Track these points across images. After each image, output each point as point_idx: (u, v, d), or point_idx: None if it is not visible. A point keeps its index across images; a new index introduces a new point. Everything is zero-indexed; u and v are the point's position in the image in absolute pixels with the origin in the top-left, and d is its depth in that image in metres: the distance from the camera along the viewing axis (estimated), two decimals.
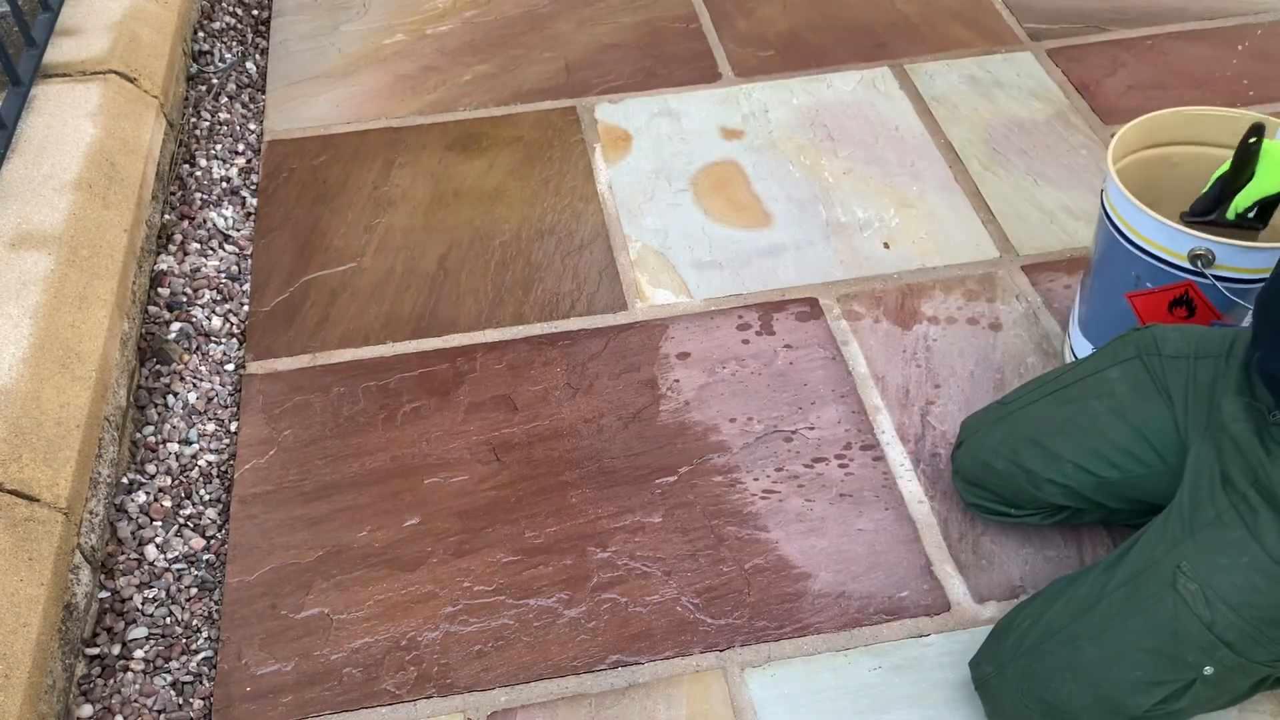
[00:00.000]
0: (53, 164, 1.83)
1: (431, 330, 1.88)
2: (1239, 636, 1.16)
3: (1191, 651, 1.17)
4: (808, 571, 1.54)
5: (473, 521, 1.61)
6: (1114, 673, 1.20)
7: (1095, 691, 1.22)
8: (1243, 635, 1.16)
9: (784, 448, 1.69)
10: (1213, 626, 1.16)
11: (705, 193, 2.13)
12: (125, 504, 1.62)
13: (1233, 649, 1.16)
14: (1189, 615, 1.17)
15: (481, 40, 2.52)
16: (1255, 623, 1.15)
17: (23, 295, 1.62)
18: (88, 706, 1.42)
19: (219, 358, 1.85)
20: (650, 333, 1.87)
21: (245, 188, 2.17)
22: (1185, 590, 1.18)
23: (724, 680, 1.43)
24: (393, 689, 1.43)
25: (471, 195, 2.13)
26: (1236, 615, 1.15)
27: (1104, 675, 1.21)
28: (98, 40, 2.10)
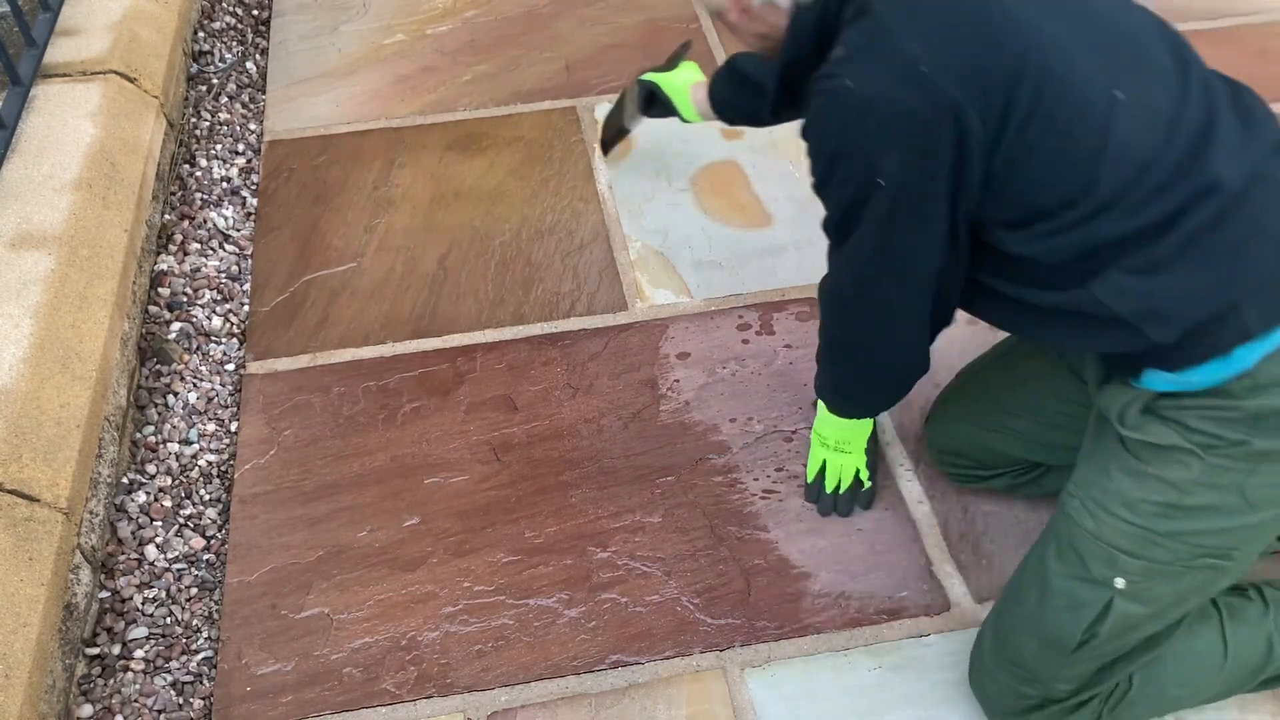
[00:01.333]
0: (53, 164, 1.83)
1: (431, 330, 1.88)
2: (1130, 540, 1.18)
3: (1096, 566, 1.20)
4: (808, 571, 1.54)
5: (473, 521, 1.61)
6: (1045, 609, 1.24)
7: (1037, 635, 1.25)
8: (1134, 539, 1.18)
9: (784, 448, 1.69)
10: (1100, 535, 1.20)
11: (705, 193, 2.13)
12: (125, 504, 1.62)
13: (1131, 554, 1.18)
14: (1079, 530, 1.22)
15: (481, 40, 2.52)
16: (1140, 525, 1.17)
17: (23, 295, 1.62)
18: (88, 706, 1.42)
19: (219, 358, 1.85)
20: (650, 333, 1.87)
21: (245, 188, 2.17)
22: (1071, 507, 1.24)
23: (724, 680, 1.43)
24: (393, 689, 1.43)
25: (471, 195, 2.13)
26: (1118, 519, 1.18)
27: (1039, 615, 1.25)
28: (98, 40, 2.10)
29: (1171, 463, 1.15)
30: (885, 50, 1.08)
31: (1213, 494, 1.14)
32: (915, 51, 1.06)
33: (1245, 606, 1.33)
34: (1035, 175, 1.09)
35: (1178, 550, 1.17)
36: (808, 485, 1.62)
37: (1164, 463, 1.16)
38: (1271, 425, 1.10)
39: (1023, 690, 1.29)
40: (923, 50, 1.06)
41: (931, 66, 1.06)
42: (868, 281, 1.27)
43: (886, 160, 1.11)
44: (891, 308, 1.28)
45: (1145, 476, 1.17)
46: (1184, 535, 1.16)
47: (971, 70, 1.06)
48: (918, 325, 1.29)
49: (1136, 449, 1.19)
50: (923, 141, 1.08)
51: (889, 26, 1.08)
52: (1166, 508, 1.16)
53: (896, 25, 1.08)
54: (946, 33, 1.07)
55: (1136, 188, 1.07)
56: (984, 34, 1.07)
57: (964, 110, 1.05)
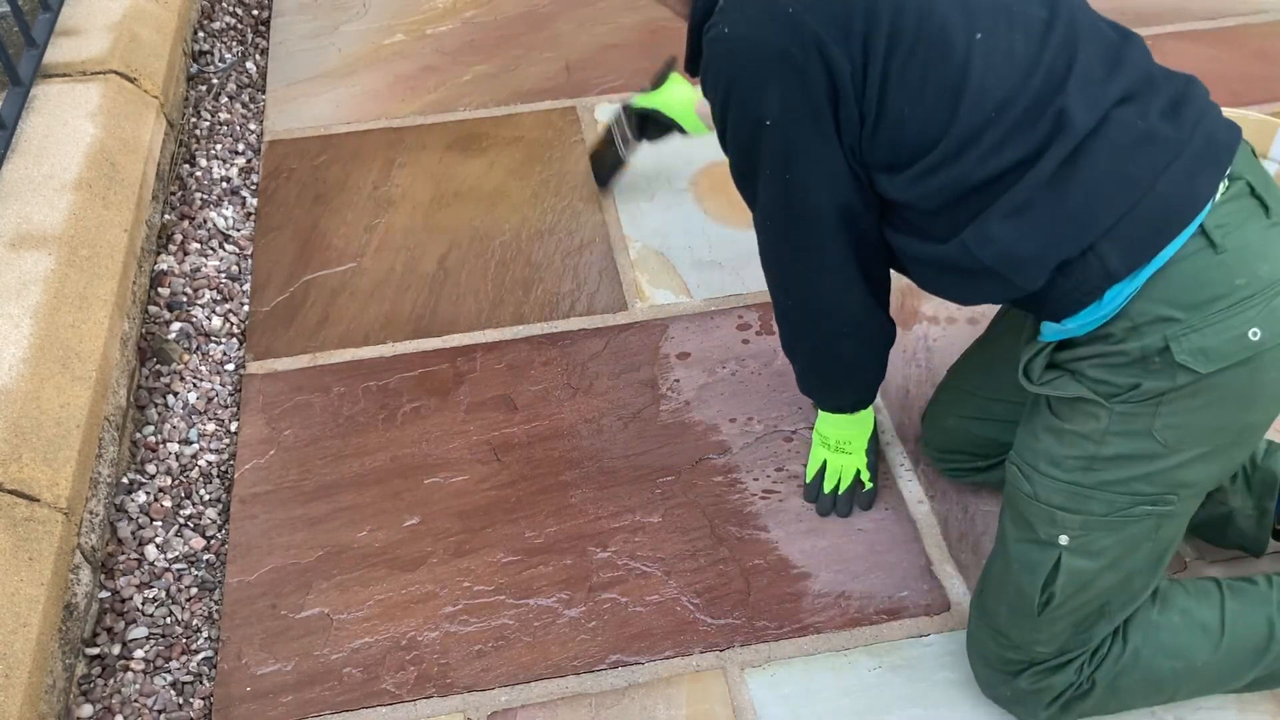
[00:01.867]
0: (53, 164, 1.83)
1: (431, 330, 1.88)
2: (1064, 497, 1.21)
3: (1041, 526, 1.23)
4: (808, 571, 1.54)
5: (473, 521, 1.61)
6: (1007, 573, 1.28)
7: (1006, 600, 1.28)
8: (1067, 495, 1.20)
9: (784, 448, 1.69)
10: (1037, 496, 1.23)
11: (705, 192, 2.13)
12: (125, 504, 1.62)
13: (1067, 510, 1.21)
14: (1019, 494, 1.25)
15: (481, 40, 2.52)
16: (1068, 481, 1.20)
17: (23, 295, 1.62)
18: (88, 706, 1.42)
19: (219, 358, 1.85)
20: (650, 333, 1.87)
21: (245, 188, 2.17)
22: (1011, 474, 1.27)
23: (724, 680, 1.43)
24: (393, 689, 1.43)
25: (471, 195, 2.13)
26: (1048, 478, 1.21)
27: (1002, 579, 1.29)
28: (98, 40, 2.10)
29: (1083, 415, 1.19)
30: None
31: (1126, 441, 1.17)
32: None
33: (1249, 588, 1.33)
34: (901, 112, 1.14)
35: (1112, 501, 1.19)
36: (807, 485, 1.62)
37: (1078, 417, 1.19)
38: (1158, 365, 1.12)
39: (1007, 655, 1.31)
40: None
41: (796, 7, 1.12)
42: (782, 238, 1.32)
43: (767, 99, 1.17)
44: (812, 261, 1.31)
45: (1064, 433, 1.20)
46: (1112, 485, 1.18)
47: (836, 10, 1.12)
48: (847, 279, 1.32)
49: (1056, 407, 1.22)
50: (796, 77, 1.14)
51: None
52: (1087, 459, 1.19)
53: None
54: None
55: (995, 126, 1.11)
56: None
57: (829, 47, 1.11)
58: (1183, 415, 1.14)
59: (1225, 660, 1.31)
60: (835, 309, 1.37)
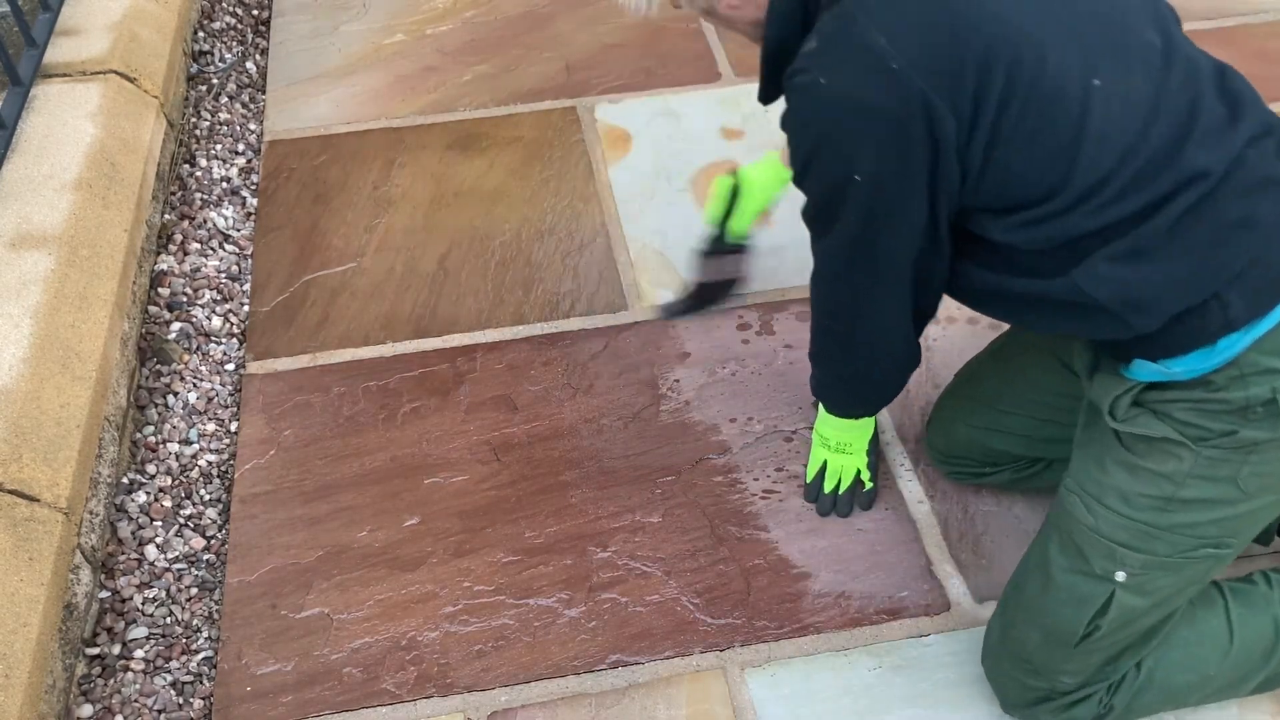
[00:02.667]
0: (53, 164, 1.83)
1: (431, 330, 1.88)
2: (1129, 535, 1.18)
3: (1097, 560, 1.20)
4: (808, 571, 1.54)
5: (473, 521, 1.61)
6: (1047, 602, 1.24)
7: (1040, 628, 1.25)
8: (1133, 533, 1.18)
9: (784, 448, 1.69)
10: (1099, 530, 1.19)
11: (705, 192, 2.13)
12: (125, 504, 1.62)
13: (1130, 548, 1.18)
14: (1078, 525, 1.21)
15: (481, 40, 2.51)
16: (1138, 520, 1.17)
17: (23, 295, 1.62)
18: (88, 706, 1.42)
19: (219, 358, 1.85)
20: (650, 333, 1.87)
21: (245, 188, 2.17)
22: (1069, 502, 1.23)
23: (724, 680, 1.43)
24: (393, 689, 1.43)
25: (471, 195, 2.13)
26: (1115, 514, 1.18)
27: (1040, 608, 1.25)
28: (98, 40, 2.10)
29: (1164, 455, 1.15)
30: (855, 44, 1.06)
31: (1208, 486, 1.14)
32: (884, 46, 1.04)
33: (1250, 590, 1.33)
34: (1012, 167, 1.08)
35: (1177, 542, 1.17)
36: (807, 485, 1.62)
37: (1157, 455, 1.16)
38: (1259, 415, 1.10)
39: (1029, 683, 1.29)
40: (891, 44, 1.04)
41: (901, 61, 1.04)
42: (847, 273, 1.27)
43: (861, 157, 1.11)
44: (872, 297, 1.27)
45: (1139, 470, 1.17)
46: (1183, 528, 1.16)
47: (941, 63, 1.04)
48: (899, 316, 1.29)
49: (1130, 442, 1.18)
50: (896, 138, 1.07)
51: (857, 17, 1.07)
52: (1162, 501, 1.16)
53: (865, 16, 1.06)
54: (915, 24, 1.05)
55: (1115, 178, 1.06)
56: (953, 26, 1.05)
57: (935, 105, 1.04)
58: (1272, 464, 1.13)
59: (1235, 666, 1.31)
60: (880, 339, 1.34)
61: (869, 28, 1.05)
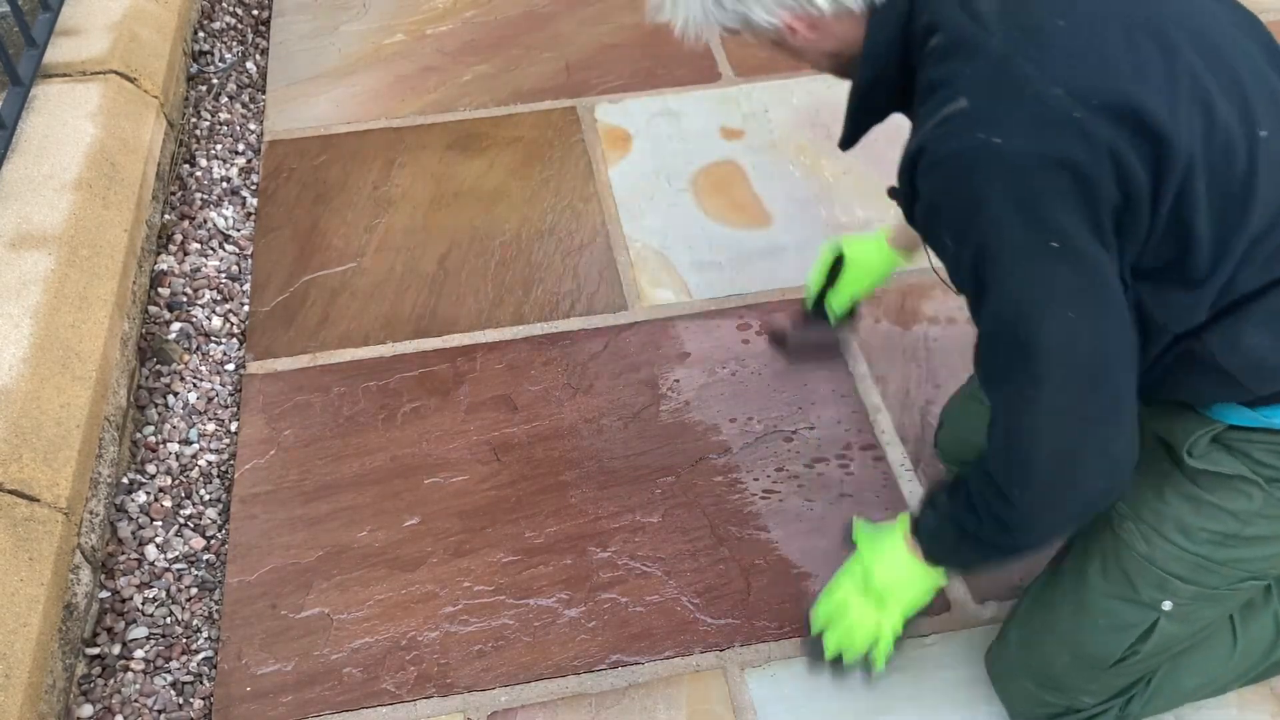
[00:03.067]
0: (53, 164, 1.83)
1: (431, 330, 1.88)
2: (1185, 567, 1.17)
3: (1145, 589, 1.19)
4: (808, 571, 1.54)
5: (473, 521, 1.61)
6: (1083, 625, 1.23)
7: (1072, 649, 1.24)
8: (1189, 565, 1.17)
9: (784, 448, 1.69)
10: (1153, 559, 1.18)
11: (705, 193, 2.13)
12: (125, 504, 1.62)
13: (1183, 580, 1.17)
14: (1130, 553, 1.19)
15: (481, 40, 2.51)
16: (1196, 553, 1.16)
17: (23, 295, 1.62)
18: (88, 706, 1.42)
19: (219, 358, 1.85)
20: (650, 333, 1.87)
21: (245, 188, 2.17)
22: (1123, 529, 1.20)
23: (724, 680, 1.43)
24: (393, 689, 1.43)
25: (471, 195, 2.13)
26: (1173, 545, 1.17)
27: (1075, 629, 1.24)
28: (98, 40, 2.10)
29: (1234, 493, 1.14)
30: (1028, 95, 0.93)
31: (1271, 525, 1.14)
32: (1062, 96, 0.93)
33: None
34: (1189, 224, 0.97)
35: (1228, 575, 1.17)
36: (809, 636, 1.37)
37: (1225, 492, 1.14)
38: None
39: (1046, 698, 1.29)
40: (1069, 94, 0.93)
41: (1082, 110, 0.92)
42: (1089, 385, 1.01)
43: (1059, 219, 0.94)
44: (1120, 407, 1.02)
45: (1205, 504, 1.15)
46: (1238, 562, 1.16)
47: (1124, 113, 0.93)
48: (1133, 421, 1.04)
49: (1195, 475, 1.16)
50: (1089, 195, 0.94)
51: (1023, 67, 0.94)
52: (1224, 537, 1.15)
53: (1032, 66, 0.94)
54: (1089, 71, 0.94)
55: (1275, 233, 0.99)
56: (1126, 68, 0.95)
57: (1124, 155, 0.93)
58: None
59: (1239, 664, 1.33)
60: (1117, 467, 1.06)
61: (1039, 78, 0.93)
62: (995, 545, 1.13)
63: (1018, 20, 0.96)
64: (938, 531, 1.20)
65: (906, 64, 1.04)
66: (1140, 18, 0.97)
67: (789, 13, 1.03)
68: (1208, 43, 0.99)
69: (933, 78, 0.98)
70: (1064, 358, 0.98)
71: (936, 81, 0.98)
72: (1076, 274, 0.96)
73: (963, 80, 0.96)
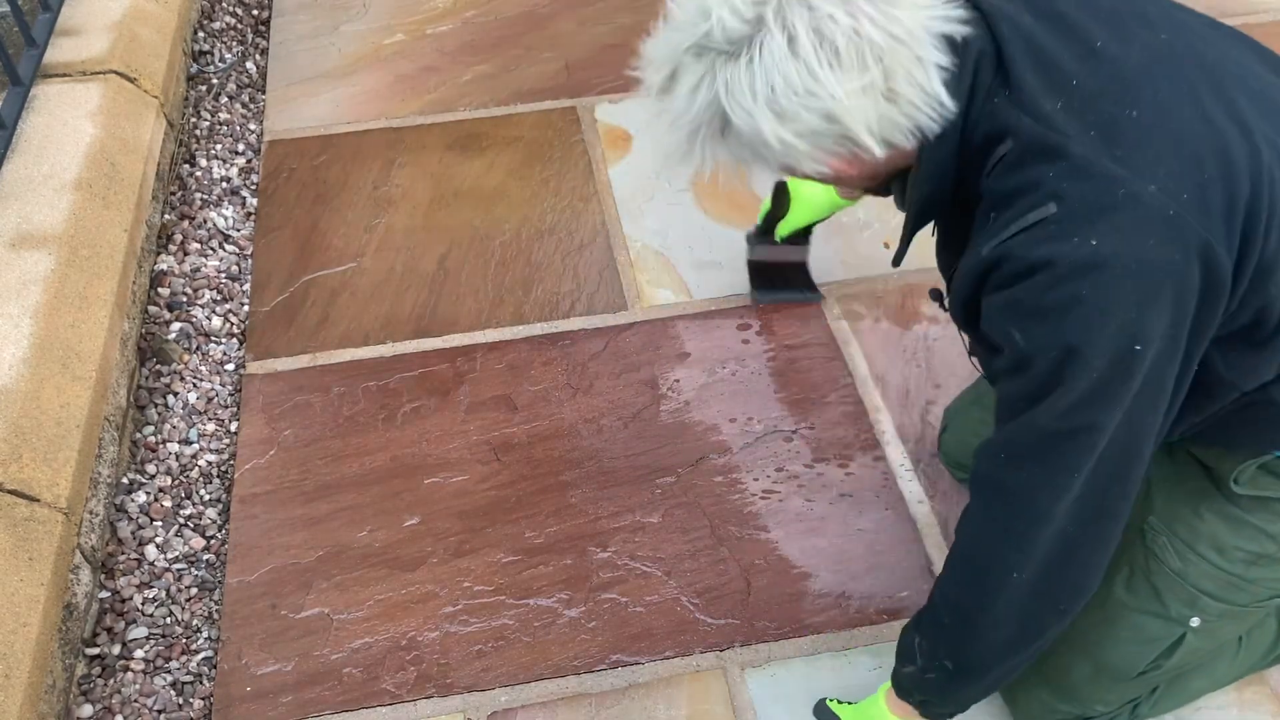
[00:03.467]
0: (53, 164, 1.83)
1: (431, 330, 1.88)
2: (1216, 584, 1.17)
3: (1174, 604, 1.19)
4: (808, 571, 1.54)
5: (473, 521, 1.61)
6: (1105, 638, 1.23)
7: (1092, 660, 1.24)
8: (1220, 582, 1.17)
9: (784, 448, 1.69)
10: (1185, 576, 1.18)
11: (705, 193, 2.13)
12: (125, 504, 1.62)
13: (1213, 597, 1.17)
14: (1162, 569, 1.19)
15: (481, 40, 2.51)
16: (1229, 571, 1.16)
17: (23, 295, 1.62)
18: (88, 706, 1.42)
19: (219, 358, 1.85)
20: (650, 333, 1.87)
21: (245, 188, 2.17)
22: (1155, 544, 1.20)
23: (724, 680, 1.43)
24: (393, 689, 1.43)
25: (471, 195, 2.13)
26: (1206, 562, 1.17)
27: (1096, 641, 1.23)
28: (98, 40, 2.10)
29: (1274, 515, 1.14)
30: (1122, 196, 0.91)
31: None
32: (1155, 193, 0.90)
33: None
34: (1269, 290, 0.96)
35: (1257, 594, 1.17)
36: None
37: (1265, 514, 1.14)
38: None
39: (1059, 706, 1.29)
40: (1162, 191, 0.90)
41: (1178, 206, 0.90)
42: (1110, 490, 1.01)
43: (1145, 324, 0.92)
44: (1122, 515, 1.03)
45: (1243, 524, 1.15)
46: (1269, 581, 1.16)
47: (1213, 201, 0.92)
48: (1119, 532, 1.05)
49: (1235, 496, 1.15)
50: (1175, 291, 0.92)
51: (1111, 168, 0.92)
52: (1260, 557, 1.15)
53: (1119, 165, 0.91)
54: (1178, 163, 0.92)
55: None
56: (1208, 153, 0.93)
57: (1214, 248, 0.91)
58: None
59: (1241, 664, 1.34)
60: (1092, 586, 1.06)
61: (1131, 177, 0.91)
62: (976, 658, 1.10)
63: (1088, 118, 0.93)
64: (921, 678, 1.16)
65: (962, 176, 1.02)
66: (1206, 88, 0.95)
67: (838, 160, 1.00)
68: (1269, 101, 0.98)
69: (1011, 185, 0.96)
70: (1107, 454, 0.98)
71: (1016, 189, 0.95)
72: (1146, 379, 0.95)
73: (1049, 185, 0.93)
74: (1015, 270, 0.94)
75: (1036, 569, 1.02)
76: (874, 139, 0.95)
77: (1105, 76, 0.94)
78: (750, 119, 0.94)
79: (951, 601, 1.10)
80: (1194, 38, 1.00)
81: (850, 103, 0.92)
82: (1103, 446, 0.97)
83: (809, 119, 0.93)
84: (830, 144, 0.96)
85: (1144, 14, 0.99)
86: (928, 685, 1.16)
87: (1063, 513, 1.00)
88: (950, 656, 1.11)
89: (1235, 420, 1.08)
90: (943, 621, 1.11)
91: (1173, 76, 0.95)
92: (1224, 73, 0.97)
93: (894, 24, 0.91)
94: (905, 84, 0.93)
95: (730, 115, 0.95)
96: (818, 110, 0.93)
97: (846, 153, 0.98)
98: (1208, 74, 0.96)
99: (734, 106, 0.94)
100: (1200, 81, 0.96)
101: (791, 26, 0.91)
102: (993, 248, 0.96)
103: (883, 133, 0.95)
